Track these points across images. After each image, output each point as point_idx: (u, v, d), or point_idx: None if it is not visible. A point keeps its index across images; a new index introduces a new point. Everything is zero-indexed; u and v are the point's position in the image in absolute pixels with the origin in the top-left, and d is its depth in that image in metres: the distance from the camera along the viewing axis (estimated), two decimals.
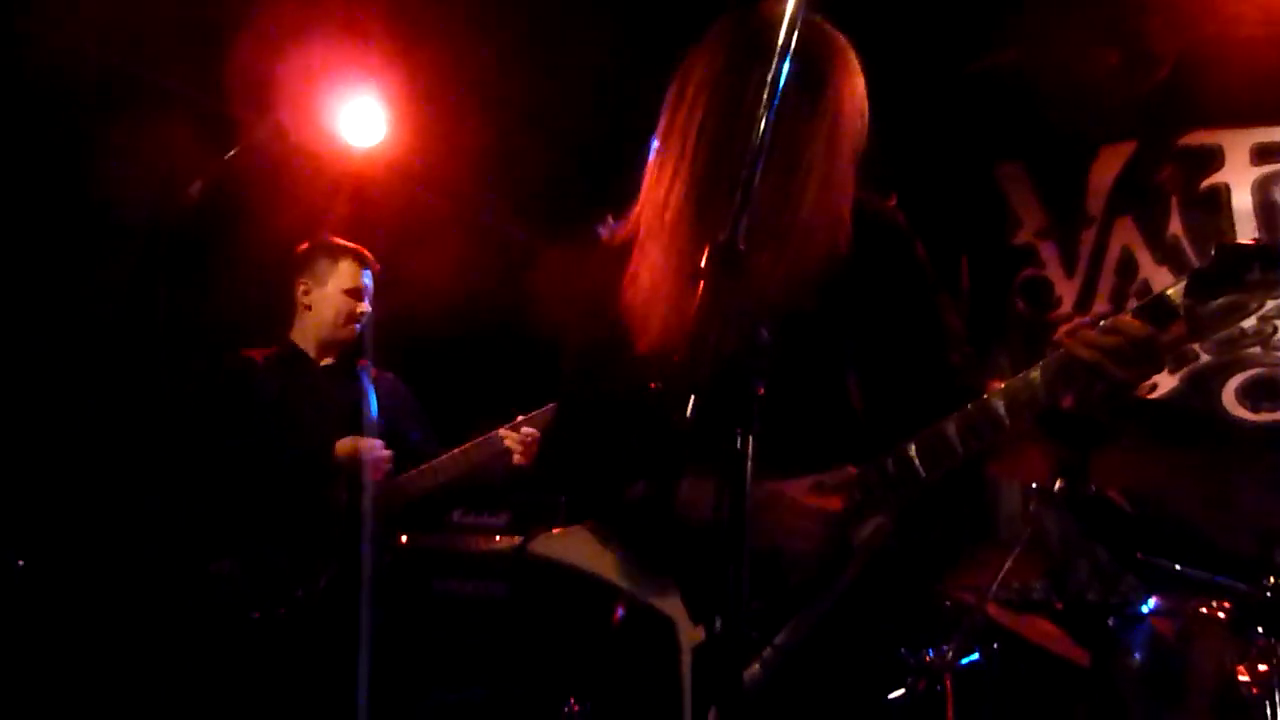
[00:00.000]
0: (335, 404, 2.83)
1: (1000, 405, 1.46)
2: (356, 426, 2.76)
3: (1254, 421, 3.56)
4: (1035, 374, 1.46)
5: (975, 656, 2.49)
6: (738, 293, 1.03)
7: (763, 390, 1.03)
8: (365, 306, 3.01)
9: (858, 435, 1.58)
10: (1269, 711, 1.84)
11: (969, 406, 1.49)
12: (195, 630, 2.50)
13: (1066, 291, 4.00)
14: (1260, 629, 1.98)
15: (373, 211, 3.87)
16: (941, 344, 1.65)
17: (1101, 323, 1.46)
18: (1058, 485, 2.30)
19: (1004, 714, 2.40)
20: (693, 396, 1.00)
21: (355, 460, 2.65)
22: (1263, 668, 1.89)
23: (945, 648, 2.32)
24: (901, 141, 4.02)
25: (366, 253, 3.09)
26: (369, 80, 3.87)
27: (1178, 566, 2.28)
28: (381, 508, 2.68)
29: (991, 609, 2.89)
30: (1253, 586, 2.02)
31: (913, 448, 1.50)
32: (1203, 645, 2.06)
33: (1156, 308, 1.44)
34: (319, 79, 3.75)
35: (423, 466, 2.82)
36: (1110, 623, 2.29)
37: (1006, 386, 1.48)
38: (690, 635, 1.44)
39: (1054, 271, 4.04)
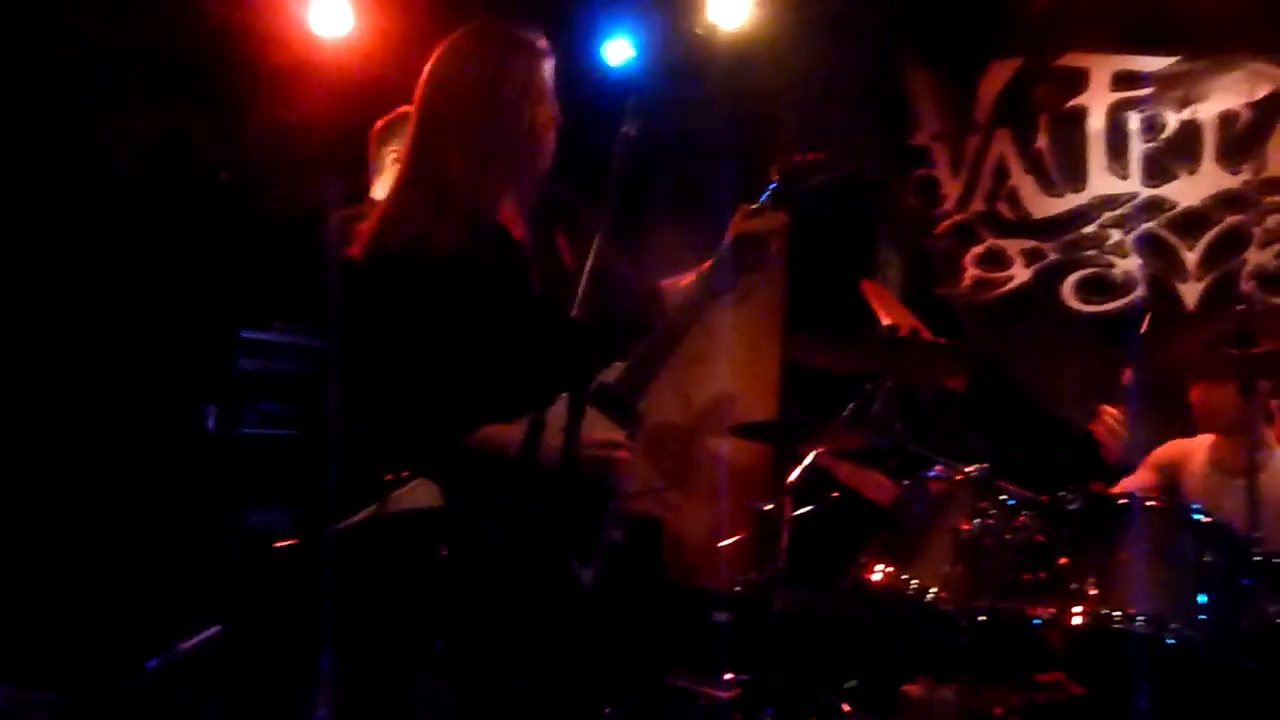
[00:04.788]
0: None
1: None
2: None
3: (1085, 312, 4.28)
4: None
5: (810, 508, 3.30)
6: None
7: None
8: None
9: None
10: (978, 547, 2.64)
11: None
12: None
13: (951, 191, 4.60)
14: (991, 494, 2.75)
15: (342, 103, 4.30)
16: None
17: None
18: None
19: (825, 551, 3.20)
20: None
21: None
22: (976, 519, 2.68)
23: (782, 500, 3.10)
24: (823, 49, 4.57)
25: None
26: None
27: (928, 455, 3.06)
28: None
29: (845, 467, 3.69)
30: (974, 468, 2.78)
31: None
32: (951, 502, 2.83)
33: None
34: None
35: None
36: (905, 483, 3.07)
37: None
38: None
39: (942, 172, 4.63)
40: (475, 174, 1.94)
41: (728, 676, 3.25)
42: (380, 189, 3.11)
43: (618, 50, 4.48)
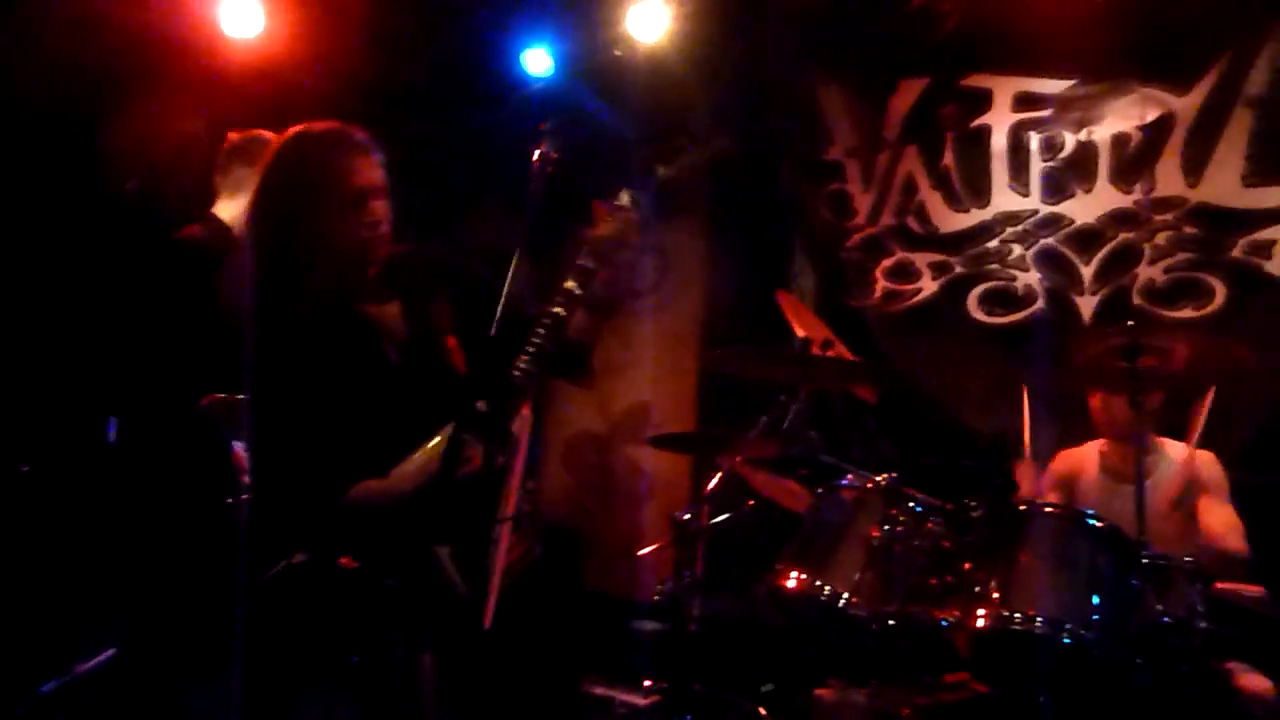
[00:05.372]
0: None
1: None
2: None
3: (987, 323, 4.43)
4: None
5: (727, 516, 3.36)
6: None
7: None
8: None
9: None
10: (888, 553, 2.73)
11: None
12: None
13: (862, 205, 4.73)
14: (900, 502, 2.84)
15: (253, 104, 4.22)
16: None
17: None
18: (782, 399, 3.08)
19: (741, 559, 3.26)
20: None
21: None
22: (886, 526, 2.77)
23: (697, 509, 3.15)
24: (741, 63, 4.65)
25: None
26: None
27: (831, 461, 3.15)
28: None
29: (761, 476, 3.75)
30: (885, 478, 2.88)
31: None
32: (863, 509, 2.91)
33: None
34: None
35: None
36: (818, 491, 3.15)
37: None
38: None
39: (854, 186, 4.75)
40: (318, 265, 2.03)
41: (646, 683, 3.28)
42: (225, 209, 3.12)
43: (537, 60, 4.48)
